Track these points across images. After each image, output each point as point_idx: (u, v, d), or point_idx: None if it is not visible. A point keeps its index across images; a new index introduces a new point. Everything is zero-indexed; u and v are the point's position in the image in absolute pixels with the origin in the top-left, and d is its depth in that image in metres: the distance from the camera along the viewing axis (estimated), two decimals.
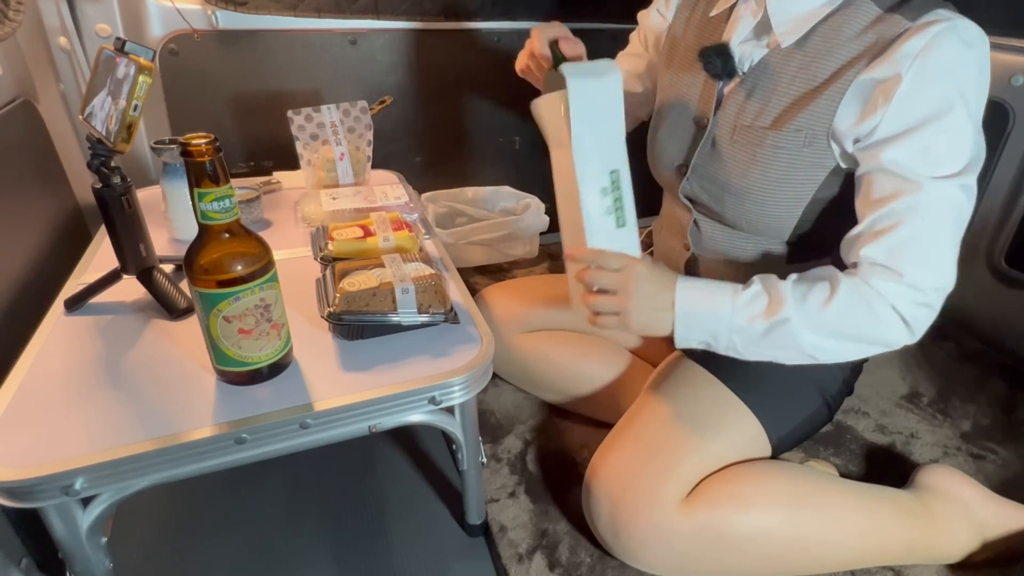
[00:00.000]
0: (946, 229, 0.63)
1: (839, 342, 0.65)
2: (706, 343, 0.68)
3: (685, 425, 0.75)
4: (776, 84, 0.70)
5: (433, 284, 0.72)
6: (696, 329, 0.67)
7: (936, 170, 0.62)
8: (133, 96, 0.63)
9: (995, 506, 0.77)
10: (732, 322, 0.65)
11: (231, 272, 0.58)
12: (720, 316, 0.66)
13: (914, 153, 0.62)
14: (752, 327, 0.65)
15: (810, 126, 0.68)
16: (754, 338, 0.66)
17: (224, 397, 0.62)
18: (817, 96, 0.67)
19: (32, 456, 0.54)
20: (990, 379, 1.13)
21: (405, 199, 1.01)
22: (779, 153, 0.70)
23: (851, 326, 0.64)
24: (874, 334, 0.65)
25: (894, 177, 0.63)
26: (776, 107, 0.70)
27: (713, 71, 0.73)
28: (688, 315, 0.67)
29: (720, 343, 0.67)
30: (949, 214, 0.62)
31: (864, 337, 0.65)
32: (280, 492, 0.92)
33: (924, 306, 0.63)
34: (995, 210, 1.19)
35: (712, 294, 0.67)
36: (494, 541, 0.82)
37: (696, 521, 0.69)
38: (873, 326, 0.64)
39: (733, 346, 0.67)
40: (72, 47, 1.14)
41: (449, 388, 0.66)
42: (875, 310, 0.63)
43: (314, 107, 1.07)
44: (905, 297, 0.63)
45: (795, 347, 0.65)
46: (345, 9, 1.28)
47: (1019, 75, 1.11)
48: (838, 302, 0.63)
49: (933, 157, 0.62)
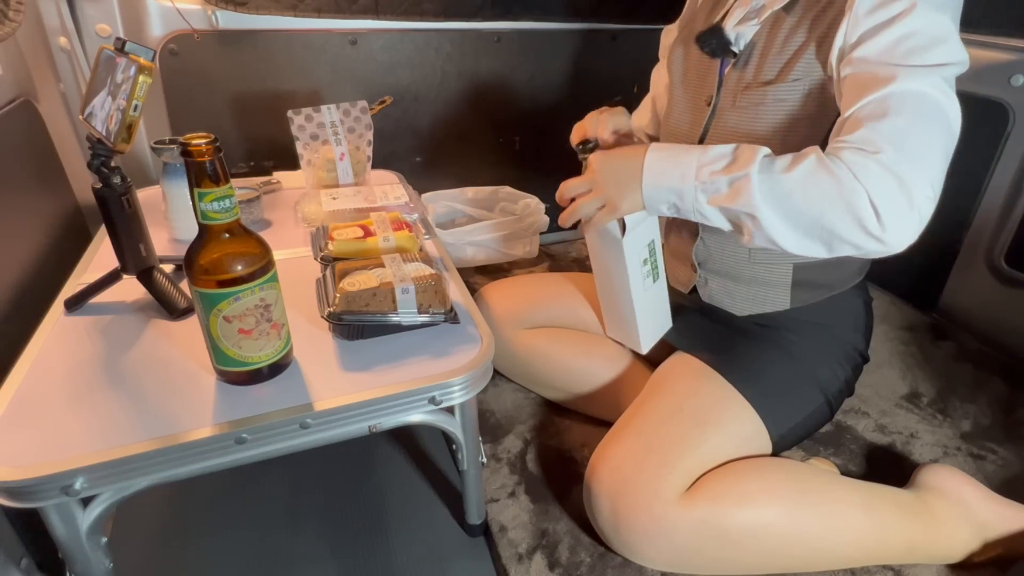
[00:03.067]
0: (927, 123, 0.58)
1: (797, 218, 0.61)
2: (674, 205, 0.68)
3: (687, 420, 0.75)
4: (769, 48, 0.74)
5: (433, 284, 0.72)
6: (663, 188, 0.68)
7: (914, 58, 0.59)
8: (133, 96, 0.63)
9: (996, 506, 0.77)
10: (697, 177, 0.65)
11: (231, 272, 0.58)
12: (686, 172, 0.66)
13: (884, 47, 0.61)
14: (714, 183, 0.64)
15: (807, 74, 0.71)
16: (717, 196, 0.65)
17: (224, 397, 0.62)
18: (810, 45, 0.70)
19: (32, 456, 0.54)
20: (990, 379, 1.13)
21: (405, 199, 1.01)
22: (780, 106, 0.73)
23: (813, 197, 0.60)
24: (837, 213, 0.59)
25: (867, 74, 0.61)
26: (773, 66, 0.74)
27: (709, 49, 0.78)
28: (655, 175, 0.68)
29: (686, 202, 0.67)
30: (930, 108, 0.58)
31: (826, 216, 0.60)
32: (280, 492, 0.92)
33: (901, 195, 0.57)
34: (995, 210, 1.19)
35: (679, 153, 0.68)
36: (494, 541, 0.82)
37: (697, 516, 0.69)
38: (836, 202, 0.59)
39: (698, 206, 0.66)
40: (72, 47, 1.14)
41: (449, 388, 0.66)
42: (841, 182, 0.58)
43: (314, 107, 1.07)
44: (878, 176, 0.57)
45: (753, 211, 0.62)
46: (345, 9, 1.28)
47: (1019, 75, 1.11)
48: (802, 168, 0.60)
49: (905, 48, 0.60)
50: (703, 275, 0.87)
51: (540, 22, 1.45)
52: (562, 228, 0.84)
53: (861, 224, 0.59)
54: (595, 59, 1.55)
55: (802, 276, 0.82)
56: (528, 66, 1.49)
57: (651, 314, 0.90)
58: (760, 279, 0.83)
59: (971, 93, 0.65)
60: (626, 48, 1.57)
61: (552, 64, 1.50)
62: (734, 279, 0.85)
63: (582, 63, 1.54)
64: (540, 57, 1.49)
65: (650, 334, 0.92)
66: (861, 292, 0.88)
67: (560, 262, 1.57)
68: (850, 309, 0.87)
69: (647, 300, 0.88)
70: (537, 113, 1.55)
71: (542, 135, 1.58)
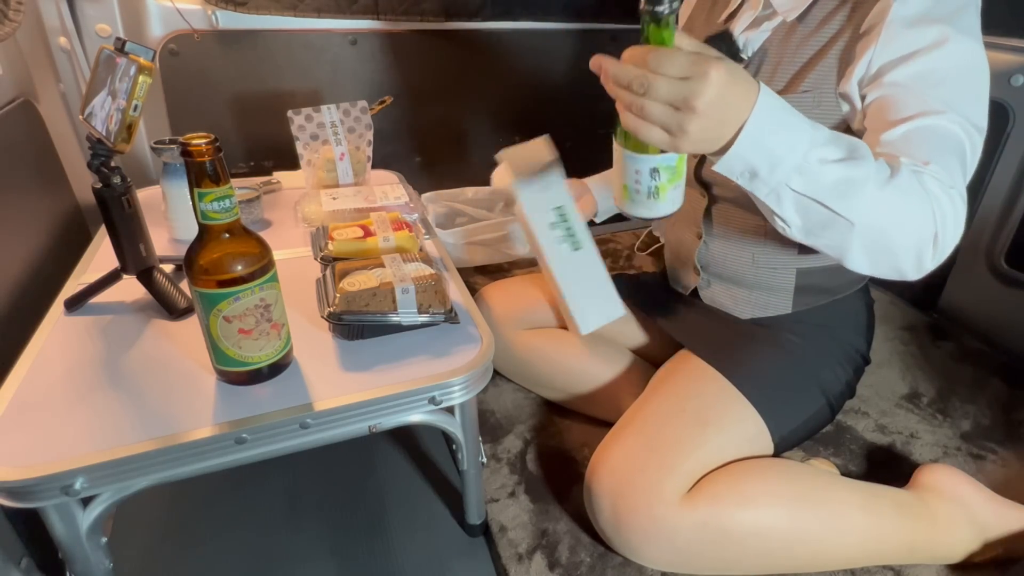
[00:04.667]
0: (964, 165, 0.61)
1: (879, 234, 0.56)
2: (753, 173, 0.54)
3: (689, 421, 0.75)
4: (780, 57, 0.73)
5: (433, 284, 0.72)
6: (761, 148, 0.52)
7: (956, 95, 0.61)
8: (133, 96, 0.63)
9: (996, 506, 0.77)
10: (806, 157, 0.53)
11: (231, 272, 0.58)
12: (796, 144, 0.52)
13: (927, 72, 0.62)
14: (820, 173, 0.53)
15: (817, 86, 0.69)
16: (815, 185, 0.54)
17: (224, 397, 0.62)
18: (822, 57, 0.69)
19: (32, 456, 0.54)
20: (990, 379, 1.12)
21: (405, 199, 1.01)
22: None
23: (905, 215, 0.56)
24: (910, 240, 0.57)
25: (913, 97, 0.61)
26: (782, 76, 0.72)
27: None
28: (761, 128, 0.51)
29: (773, 177, 0.53)
30: (964, 154, 0.60)
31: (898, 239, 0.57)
32: (280, 492, 0.92)
33: (954, 235, 0.58)
34: (995, 210, 1.19)
35: (792, 115, 0.53)
36: (494, 541, 0.82)
37: (698, 516, 0.69)
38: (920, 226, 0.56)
39: (783, 188, 0.54)
40: (72, 47, 1.14)
41: (449, 388, 0.66)
42: (930, 194, 0.56)
43: (314, 107, 1.07)
44: (946, 211, 0.56)
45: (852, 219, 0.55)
46: (345, 9, 1.28)
47: (1019, 75, 1.11)
48: (902, 177, 0.55)
49: (951, 78, 0.61)
50: (706, 278, 0.87)
51: (540, 22, 1.45)
52: None
53: (919, 258, 0.58)
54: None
55: (805, 281, 0.82)
56: (528, 66, 1.49)
57: (581, 289, 0.88)
58: (763, 284, 0.83)
59: None
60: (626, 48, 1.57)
61: (552, 64, 1.50)
62: (737, 283, 0.85)
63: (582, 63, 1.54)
64: (540, 57, 1.49)
65: (588, 315, 0.88)
66: (863, 295, 0.88)
67: None
68: (852, 311, 0.87)
69: (569, 271, 0.87)
70: (537, 113, 1.55)
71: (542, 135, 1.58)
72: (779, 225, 0.59)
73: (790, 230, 0.58)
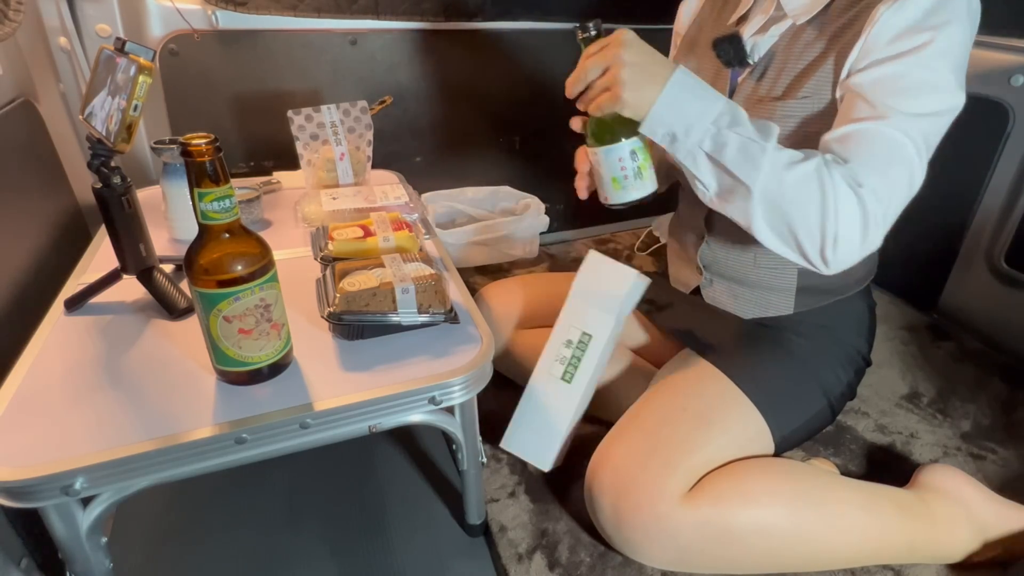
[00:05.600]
0: (901, 172, 0.63)
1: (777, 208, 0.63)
2: (672, 135, 0.63)
3: (691, 420, 0.75)
4: (785, 62, 0.73)
5: (433, 284, 0.72)
6: (676, 111, 0.62)
7: (905, 102, 0.62)
8: (133, 96, 0.63)
9: (996, 506, 0.77)
10: (715, 122, 0.62)
11: (231, 272, 0.58)
12: (706, 110, 0.62)
13: (887, 79, 0.63)
14: (727, 138, 0.62)
15: (817, 92, 0.70)
16: (721, 150, 0.62)
17: (224, 397, 0.62)
18: (822, 63, 0.70)
19: (32, 456, 0.54)
20: (990, 379, 1.13)
21: (405, 199, 1.01)
22: (789, 123, 0.72)
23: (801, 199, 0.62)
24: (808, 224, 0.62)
25: (865, 102, 0.64)
26: (785, 80, 0.73)
27: (725, 58, 0.76)
28: (677, 94, 0.62)
29: (688, 140, 0.63)
30: (906, 159, 0.62)
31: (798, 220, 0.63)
32: (280, 492, 0.92)
33: (860, 233, 0.62)
34: (995, 210, 1.19)
35: (708, 90, 0.64)
36: (494, 541, 0.82)
37: (699, 515, 0.69)
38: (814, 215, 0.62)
39: (696, 150, 0.63)
40: (72, 47, 1.14)
41: (449, 388, 0.66)
42: (827, 201, 0.61)
43: (314, 107, 1.07)
44: (852, 209, 0.61)
45: (749, 184, 0.62)
46: (345, 9, 1.28)
47: (1019, 75, 1.11)
48: (805, 168, 0.61)
49: (906, 87, 0.63)
50: (708, 277, 0.87)
51: (540, 22, 1.45)
52: (562, 228, 0.84)
53: (820, 244, 0.63)
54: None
55: (807, 282, 0.82)
56: (528, 66, 1.49)
57: (533, 414, 0.86)
58: (765, 283, 0.83)
59: (971, 93, 0.65)
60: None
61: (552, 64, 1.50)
62: (739, 282, 0.85)
63: None
64: (540, 57, 1.49)
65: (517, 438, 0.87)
66: (865, 296, 0.88)
67: (560, 262, 1.57)
68: (854, 312, 0.87)
69: (539, 390, 0.85)
70: (537, 113, 1.55)
71: (542, 135, 1.58)
72: (699, 189, 0.68)
73: (708, 193, 0.67)
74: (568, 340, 0.83)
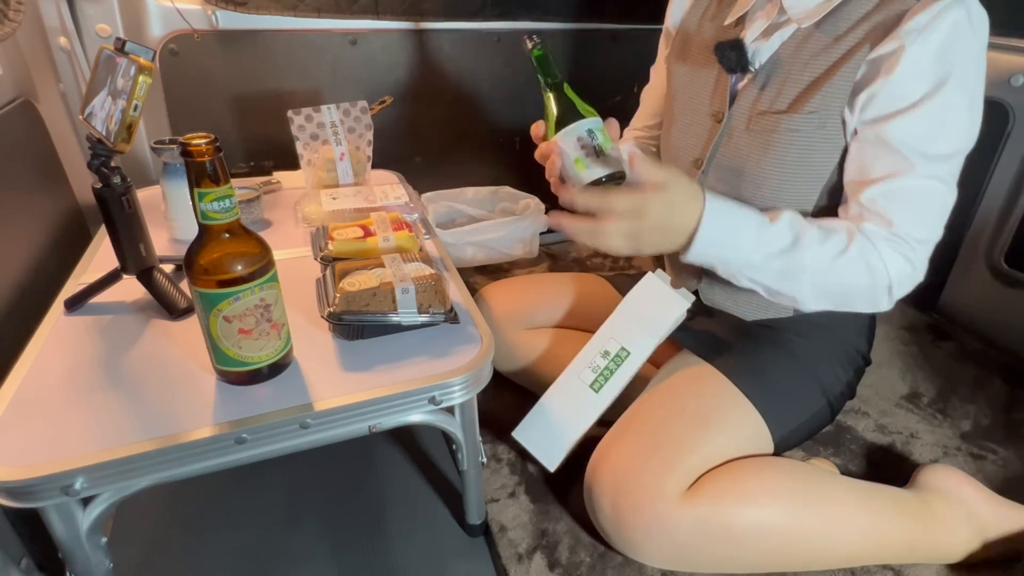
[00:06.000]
0: (939, 212, 0.68)
1: (828, 296, 0.69)
2: (712, 267, 0.69)
3: (690, 420, 0.75)
4: (789, 72, 0.72)
5: (433, 284, 0.72)
6: (710, 255, 0.67)
7: (930, 147, 0.65)
8: (133, 96, 0.63)
9: (996, 506, 0.77)
10: (749, 258, 0.66)
11: (231, 272, 0.58)
12: (739, 249, 0.66)
13: (911, 127, 0.65)
14: (766, 266, 0.67)
15: (824, 107, 0.69)
16: (763, 275, 0.68)
17: (224, 397, 0.62)
18: (830, 78, 0.68)
19: (32, 456, 0.54)
20: (990, 379, 1.13)
21: (405, 199, 1.01)
22: (794, 137, 0.71)
23: (849, 286, 0.68)
24: (861, 296, 0.70)
25: (892, 152, 0.66)
26: (790, 93, 0.72)
27: (728, 64, 0.75)
28: (708, 242, 0.65)
29: (728, 269, 0.68)
30: (941, 199, 0.67)
31: (851, 296, 0.70)
32: (280, 492, 0.92)
33: (913, 279, 0.69)
34: (995, 210, 1.19)
35: (737, 229, 0.66)
36: (494, 541, 0.82)
37: (699, 514, 0.69)
38: (865, 291, 0.69)
39: (735, 274, 0.68)
40: (72, 47, 1.14)
41: (449, 388, 0.66)
42: (876, 277, 0.67)
43: (314, 107, 1.07)
44: (901, 269, 0.67)
45: (796, 297, 0.68)
46: (345, 9, 1.28)
47: (1019, 75, 1.11)
48: (850, 257, 0.66)
49: (929, 133, 0.65)
50: (708, 281, 0.87)
51: (540, 22, 1.45)
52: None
53: (876, 303, 0.70)
54: (595, 59, 1.55)
55: None
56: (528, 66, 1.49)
57: (553, 414, 0.87)
58: None
59: None
60: (626, 48, 1.57)
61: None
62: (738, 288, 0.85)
63: (582, 63, 1.54)
64: None
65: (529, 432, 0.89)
66: None
67: (560, 262, 1.57)
68: (854, 312, 0.86)
69: (568, 394, 0.86)
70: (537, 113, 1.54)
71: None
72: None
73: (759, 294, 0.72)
74: (606, 351, 0.85)
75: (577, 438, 0.86)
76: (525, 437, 0.89)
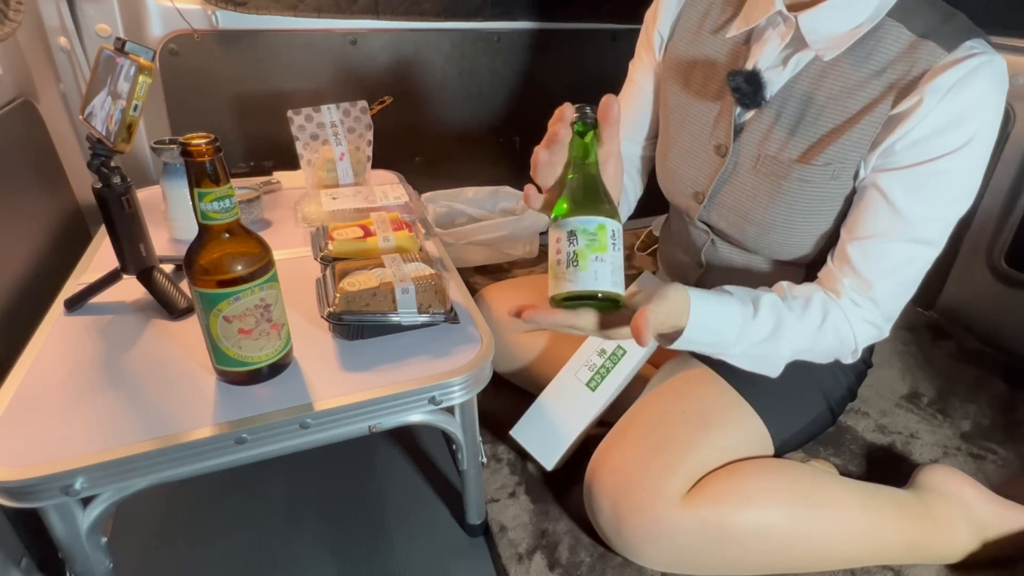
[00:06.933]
0: (918, 273, 0.68)
1: (798, 357, 0.70)
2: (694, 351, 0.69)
3: (690, 422, 0.75)
4: (805, 112, 0.67)
5: (433, 284, 0.72)
6: (694, 348, 0.66)
7: (932, 210, 0.64)
8: (133, 96, 0.63)
9: (995, 506, 0.77)
10: (730, 351, 0.67)
11: (231, 272, 0.58)
12: (725, 343, 0.66)
13: (918, 188, 0.63)
14: (750, 352, 0.67)
15: (840, 160, 0.65)
16: (746, 359, 0.68)
17: (224, 397, 0.62)
18: (848, 129, 0.64)
19: (32, 456, 0.54)
20: (990, 379, 1.13)
21: (405, 199, 1.01)
22: (805, 187, 0.68)
23: (818, 352, 0.71)
24: (829, 357, 0.73)
25: (891, 211, 0.64)
26: (804, 139, 0.67)
27: (742, 99, 0.68)
28: (687, 344, 0.64)
29: (712, 356, 0.69)
30: (925, 262, 0.67)
31: (820, 358, 0.72)
32: (280, 492, 0.92)
33: (878, 337, 0.71)
34: (995, 210, 1.19)
35: (720, 328, 0.64)
36: (494, 541, 0.82)
37: (698, 516, 0.69)
38: (832, 354, 0.72)
39: (722, 358, 0.69)
40: (72, 47, 1.14)
41: (449, 388, 0.66)
42: (844, 344, 0.69)
43: (314, 107, 1.07)
44: (868, 333, 0.69)
45: (770, 361, 0.69)
46: (345, 9, 1.28)
47: (1019, 75, 1.11)
48: (824, 331, 0.68)
49: (936, 196, 0.63)
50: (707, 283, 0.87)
51: (540, 22, 1.45)
52: None
53: (842, 359, 0.74)
54: (595, 59, 1.55)
55: None
56: (528, 66, 1.49)
57: (550, 411, 0.87)
58: None
59: None
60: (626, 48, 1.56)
61: (552, 64, 1.50)
62: None
63: (582, 63, 1.54)
64: (540, 57, 1.49)
65: (526, 431, 0.89)
66: None
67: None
68: None
69: (565, 391, 0.86)
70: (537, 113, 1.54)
71: (542, 135, 1.58)
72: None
73: None
74: (602, 349, 0.84)
75: (575, 437, 0.86)
76: (523, 436, 0.89)
